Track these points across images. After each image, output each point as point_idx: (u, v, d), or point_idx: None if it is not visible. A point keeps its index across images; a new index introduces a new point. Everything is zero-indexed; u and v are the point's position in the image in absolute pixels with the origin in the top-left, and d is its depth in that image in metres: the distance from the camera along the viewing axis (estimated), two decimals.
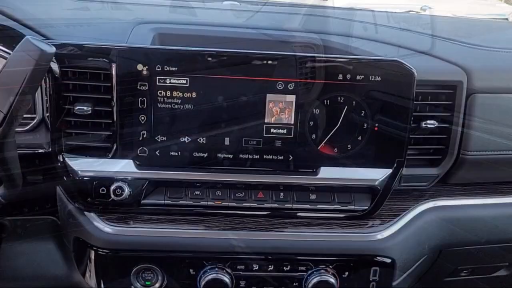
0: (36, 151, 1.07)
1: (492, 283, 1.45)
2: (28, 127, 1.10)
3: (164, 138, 1.02)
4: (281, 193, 1.07)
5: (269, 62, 0.99)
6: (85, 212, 1.05)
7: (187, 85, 0.99)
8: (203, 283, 1.02)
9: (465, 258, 1.27)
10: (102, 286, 1.06)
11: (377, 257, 1.06)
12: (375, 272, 1.07)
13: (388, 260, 1.07)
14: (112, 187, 1.02)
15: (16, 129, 1.06)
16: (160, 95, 1.00)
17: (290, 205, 1.07)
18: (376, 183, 1.06)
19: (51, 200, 1.12)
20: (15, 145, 0.89)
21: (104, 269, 1.05)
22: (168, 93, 1.00)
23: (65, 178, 1.03)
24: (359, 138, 1.04)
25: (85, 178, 1.02)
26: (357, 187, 1.08)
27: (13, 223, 1.12)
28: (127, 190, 1.02)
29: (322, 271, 1.05)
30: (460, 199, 1.17)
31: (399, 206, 1.13)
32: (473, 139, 1.10)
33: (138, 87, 0.99)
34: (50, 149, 1.03)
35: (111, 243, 1.02)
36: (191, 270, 1.03)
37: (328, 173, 1.06)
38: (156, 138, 1.02)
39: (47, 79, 0.99)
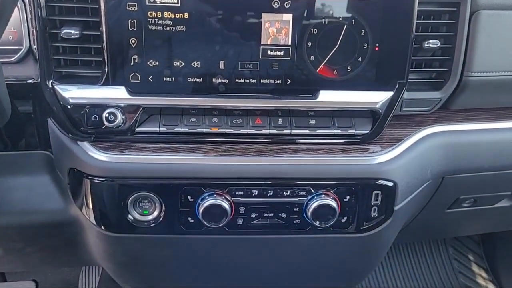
0: (25, 81, 1.04)
1: (494, 214, 1.45)
2: (15, 58, 1.06)
3: (157, 63, 0.98)
4: (280, 119, 1.04)
5: None
6: (79, 142, 1.02)
7: (179, 5, 0.94)
8: (201, 209, 1.01)
9: (467, 186, 1.26)
10: (99, 216, 1.05)
11: (379, 180, 1.04)
12: (377, 196, 1.05)
13: (390, 184, 1.05)
14: (104, 114, 0.99)
15: (3, 60, 1.03)
16: (151, 16, 0.95)
17: (289, 131, 1.04)
18: (377, 105, 1.03)
19: (43, 134, 1.09)
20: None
21: (100, 198, 1.03)
22: (159, 14, 0.95)
23: (55, 108, 1.00)
24: (359, 59, 1.00)
25: (76, 106, 0.99)
26: (357, 110, 1.05)
27: (5, 158, 1.10)
28: (120, 117, 0.99)
29: (323, 195, 1.03)
30: (463, 124, 1.14)
31: (401, 132, 1.11)
32: (477, 59, 1.06)
33: (127, 8, 0.94)
34: (39, 80, 1.00)
35: (107, 170, 1.00)
36: (189, 197, 1.02)
37: (328, 97, 1.02)
38: (148, 63, 0.98)
39: (32, 2, 0.95)
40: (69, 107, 0.99)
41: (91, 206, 1.04)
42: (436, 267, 2.31)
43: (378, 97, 1.03)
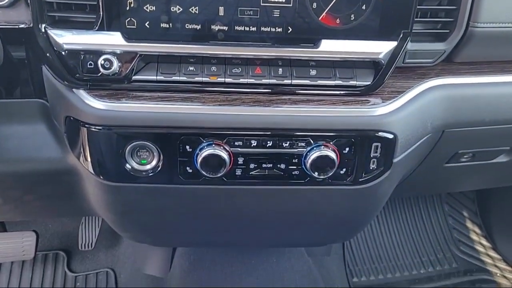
0: (17, 26, 1.00)
1: (491, 170, 1.45)
2: (6, 1, 1.01)
3: (153, 8, 0.95)
4: (280, 69, 1.02)
5: None
6: (74, 90, 1.00)
7: None
8: (200, 159, 1.00)
9: (467, 140, 1.25)
10: (97, 165, 1.05)
11: (379, 133, 1.03)
12: (376, 148, 1.04)
13: (390, 136, 1.04)
14: (100, 61, 0.96)
15: None
16: None
17: (289, 81, 1.02)
18: (380, 56, 1.00)
19: (37, 82, 1.06)
20: None
21: (98, 147, 1.02)
22: None
23: (49, 54, 0.97)
24: (363, 7, 0.97)
25: (71, 52, 0.96)
26: (359, 61, 1.02)
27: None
28: (116, 64, 0.97)
29: (322, 147, 1.02)
30: (466, 77, 1.12)
31: (403, 84, 1.08)
32: (484, 9, 1.02)
33: None
34: (32, 24, 0.97)
35: (104, 118, 0.98)
36: (187, 147, 1.01)
37: (330, 46, 0.99)
38: (144, 7, 0.94)
39: None
40: (63, 53, 0.96)
41: (88, 155, 1.03)
42: (431, 223, 2.34)
43: (381, 47, 1.00)
